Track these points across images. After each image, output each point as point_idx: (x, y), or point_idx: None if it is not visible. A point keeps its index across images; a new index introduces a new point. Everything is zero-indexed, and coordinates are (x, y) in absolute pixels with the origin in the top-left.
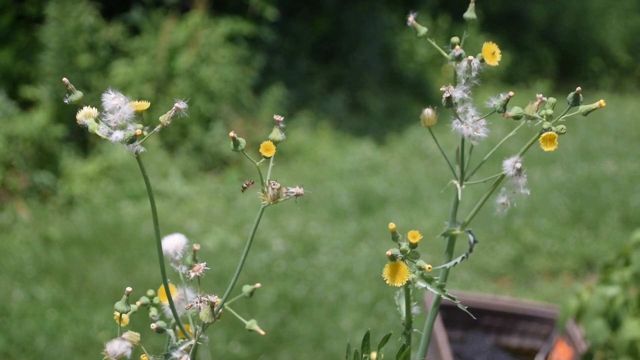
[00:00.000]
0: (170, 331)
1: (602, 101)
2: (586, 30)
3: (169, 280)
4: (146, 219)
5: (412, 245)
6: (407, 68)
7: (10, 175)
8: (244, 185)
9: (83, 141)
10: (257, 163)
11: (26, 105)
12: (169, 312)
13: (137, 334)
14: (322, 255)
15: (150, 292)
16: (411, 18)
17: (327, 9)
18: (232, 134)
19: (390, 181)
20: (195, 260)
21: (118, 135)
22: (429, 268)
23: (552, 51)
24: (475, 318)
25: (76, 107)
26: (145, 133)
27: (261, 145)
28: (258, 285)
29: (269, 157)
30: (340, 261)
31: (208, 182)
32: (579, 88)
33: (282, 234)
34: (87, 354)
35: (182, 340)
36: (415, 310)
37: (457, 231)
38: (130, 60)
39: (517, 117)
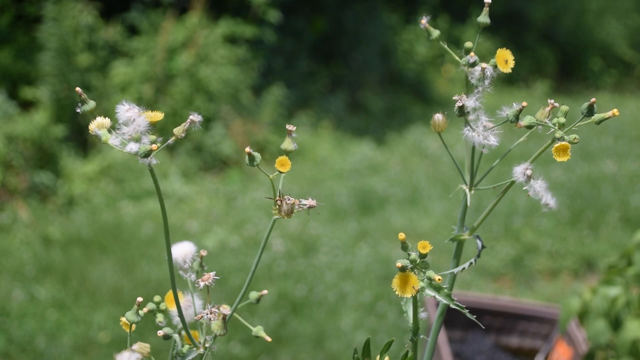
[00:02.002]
0: (176, 336)
1: (615, 110)
2: (586, 30)
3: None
4: (146, 219)
5: (422, 256)
6: (407, 68)
7: (10, 175)
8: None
9: (83, 141)
10: (271, 176)
11: (26, 105)
12: (175, 318)
13: (147, 345)
14: (322, 255)
15: (157, 298)
16: (424, 21)
17: (327, 8)
18: (247, 149)
19: (390, 181)
20: (202, 266)
21: (133, 147)
22: (439, 279)
23: (552, 51)
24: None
25: (75, 106)
26: (158, 144)
27: (277, 161)
28: (265, 292)
29: (284, 172)
30: (340, 261)
31: (208, 182)
32: (593, 99)
33: (282, 233)
34: (87, 354)
35: (188, 345)
36: (422, 315)
37: (466, 236)
38: (129, 60)
39: (529, 127)
